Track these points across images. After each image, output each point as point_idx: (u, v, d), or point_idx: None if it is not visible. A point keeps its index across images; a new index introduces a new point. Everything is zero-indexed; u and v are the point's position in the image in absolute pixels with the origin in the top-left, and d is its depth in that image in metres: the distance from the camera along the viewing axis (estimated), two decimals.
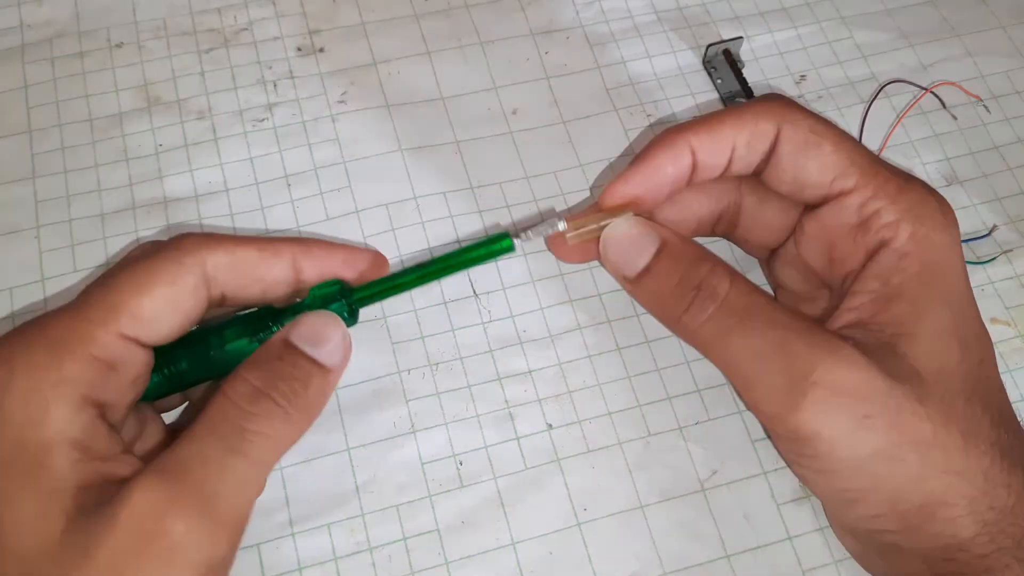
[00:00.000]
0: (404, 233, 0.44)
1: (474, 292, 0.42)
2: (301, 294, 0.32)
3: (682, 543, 0.38)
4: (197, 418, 0.28)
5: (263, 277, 0.31)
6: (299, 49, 0.49)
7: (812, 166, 0.32)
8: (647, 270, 0.32)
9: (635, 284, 0.33)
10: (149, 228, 0.43)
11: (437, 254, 0.35)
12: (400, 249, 0.43)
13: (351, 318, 0.32)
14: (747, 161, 0.33)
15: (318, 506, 0.37)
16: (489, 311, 0.42)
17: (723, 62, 0.49)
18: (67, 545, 0.26)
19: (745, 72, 0.49)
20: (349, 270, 0.32)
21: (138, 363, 0.29)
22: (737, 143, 0.32)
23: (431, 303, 0.42)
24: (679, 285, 0.31)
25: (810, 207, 0.34)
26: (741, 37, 0.49)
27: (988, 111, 0.49)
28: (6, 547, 0.26)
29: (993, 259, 0.44)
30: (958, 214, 0.45)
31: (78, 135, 0.45)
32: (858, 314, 0.31)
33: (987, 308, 0.43)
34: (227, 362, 0.31)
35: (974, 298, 0.32)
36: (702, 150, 0.32)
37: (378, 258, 0.33)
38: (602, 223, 0.34)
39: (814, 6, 0.52)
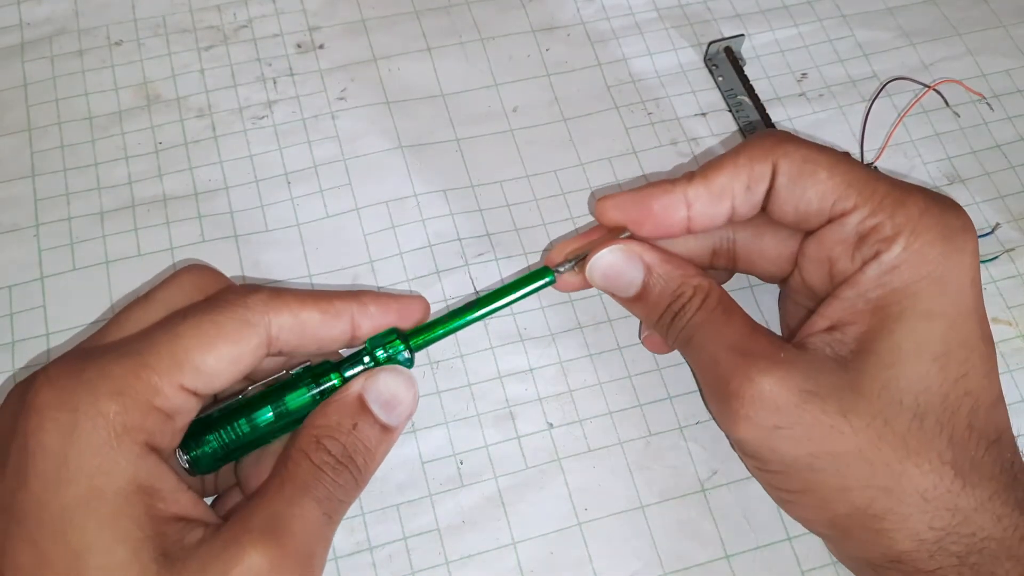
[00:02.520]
0: (404, 230, 0.43)
1: (475, 290, 0.42)
2: (354, 342, 0.33)
3: (682, 543, 0.38)
4: (284, 477, 0.29)
5: (322, 338, 0.32)
6: (299, 46, 0.49)
7: (811, 195, 0.32)
8: (638, 297, 0.35)
9: (629, 305, 0.36)
10: (149, 226, 0.43)
11: (482, 293, 0.37)
12: (400, 246, 0.43)
13: (409, 363, 0.33)
14: (750, 205, 0.33)
15: None
16: None
17: (724, 60, 0.49)
18: None
19: (746, 70, 0.48)
20: (402, 322, 0.33)
21: (190, 412, 0.29)
22: (735, 191, 0.33)
23: (432, 301, 0.42)
24: (668, 309, 0.34)
25: (811, 232, 0.34)
26: (742, 35, 0.49)
27: (991, 109, 0.49)
28: None
29: (995, 257, 0.44)
30: None
31: (78, 133, 0.45)
32: (828, 321, 0.32)
33: (989, 307, 0.43)
34: (289, 418, 0.32)
35: (978, 309, 0.32)
36: (698, 201, 0.33)
37: (425, 306, 0.34)
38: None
39: (815, 4, 0.52)
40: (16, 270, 0.41)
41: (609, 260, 0.34)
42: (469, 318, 0.34)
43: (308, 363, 0.33)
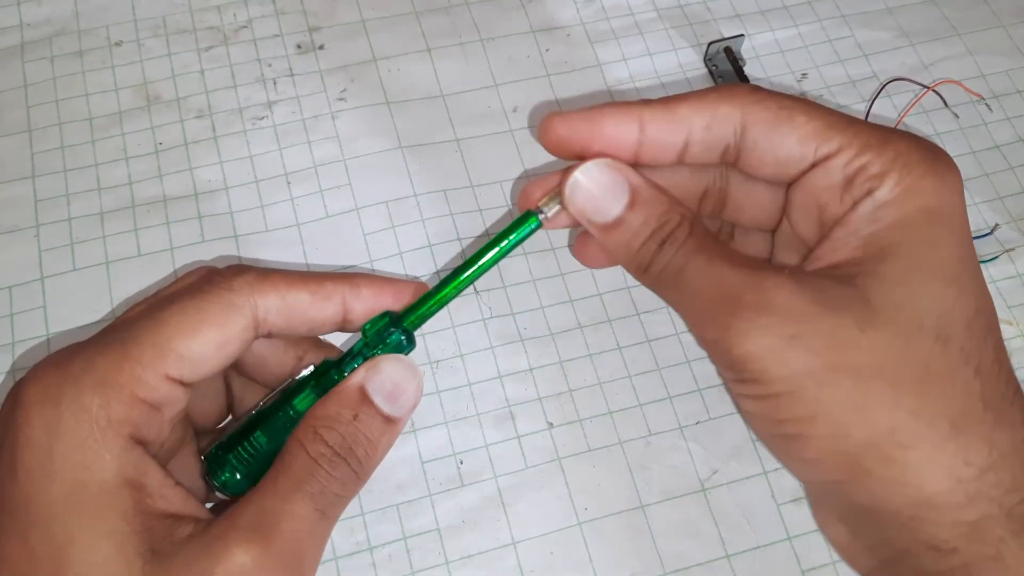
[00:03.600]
0: (404, 230, 0.43)
1: (475, 289, 0.42)
2: (347, 325, 0.32)
3: (682, 543, 0.38)
4: (279, 470, 0.28)
5: (312, 318, 0.31)
6: (299, 46, 0.49)
7: (790, 140, 0.31)
8: (619, 221, 0.31)
9: (605, 232, 0.32)
10: (149, 226, 0.43)
11: (468, 254, 0.34)
12: (400, 246, 0.43)
13: (410, 345, 0.32)
14: (707, 145, 0.32)
15: None
16: (490, 308, 0.42)
17: (724, 60, 0.49)
18: None
19: (746, 70, 0.48)
20: (397, 304, 0.32)
21: (178, 402, 0.29)
22: (694, 125, 0.31)
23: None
24: (652, 237, 0.31)
25: (794, 181, 0.32)
26: (742, 35, 0.49)
27: (990, 109, 0.49)
28: None
29: (995, 258, 0.44)
30: None
31: (78, 134, 0.45)
32: (823, 262, 0.30)
33: None
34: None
35: (974, 250, 0.30)
36: (653, 125, 0.31)
37: (421, 288, 0.33)
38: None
39: (815, 4, 0.52)
40: (16, 271, 0.41)
41: (594, 176, 0.31)
42: (460, 281, 0.32)
43: (314, 366, 0.32)
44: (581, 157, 0.32)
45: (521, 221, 0.32)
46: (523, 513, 0.38)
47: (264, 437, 0.31)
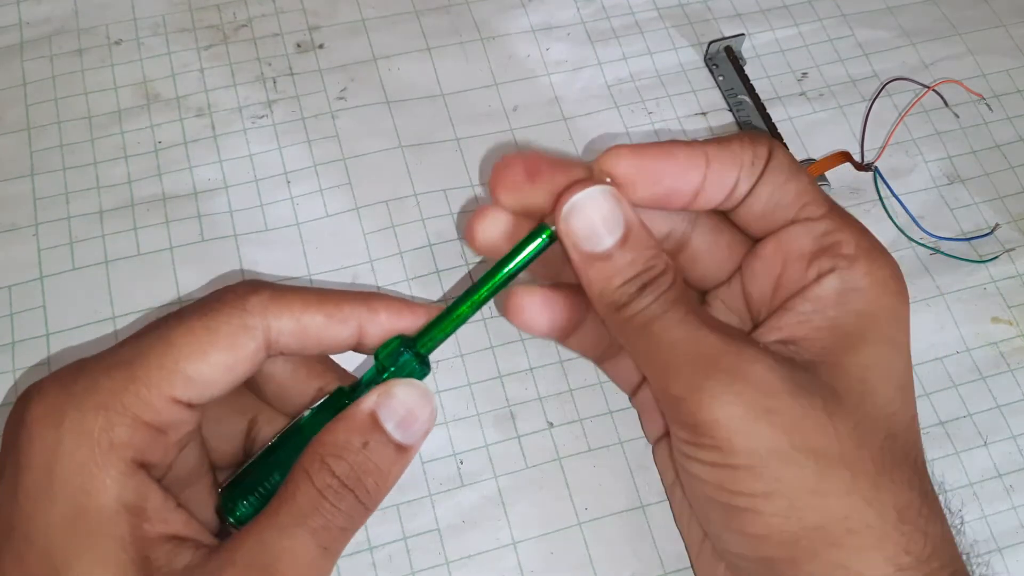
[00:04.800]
0: (404, 230, 0.43)
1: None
2: (361, 347, 0.31)
3: (682, 543, 0.37)
4: (281, 501, 0.27)
5: (326, 341, 0.30)
6: (299, 45, 0.49)
7: (790, 188, 0.31)
8: (607, 255, 0.30)
9: (588, 261, 0.30)
10: (148, 225, 0.43)
11: (477, 274, 0.33)
12: (400, 246, 0.43)
13: (424, 368, 0.31)
14: (748, 184, 0.31)
15: None
16: (490, 307, 0.42)
17: (725, 59, 0.48)
18: None
19: (747, 70, 0.48)
20: (413, 328, 0.31)
21: (185, 424, 0.28)
22: (744, 161, 0.31)
23: (431, 300, 0.42)
24: (634, 279, 0.30)
25: (767, 234, 0.33)
26: (743, 34, 0.49)
27: (990, 109, 0.49)
28: None
29: (995, 258, 0.44)
30: (960, 212, 0.46)
31: (77, 132, 0.45)
32: (781, 333, 0.30)
33: (989, 307, 0.43)
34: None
35: (911, 361, 0.31)
36: (717, 161, 0.31)
37: (432, 311, 0.32)
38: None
39: (815, 4, 0.52)
40: (15, 270, 0.41)
41: (597, 203, 0.30)
42: (473, 304, 0.31)
43: (327, 397, 0.31)
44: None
45: (536, 235, 0.30)
46: (523, 513, 0.38)
47: (275, 468, 0.30)
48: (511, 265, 0.30)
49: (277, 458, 0.30)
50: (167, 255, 0.42)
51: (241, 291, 0.29)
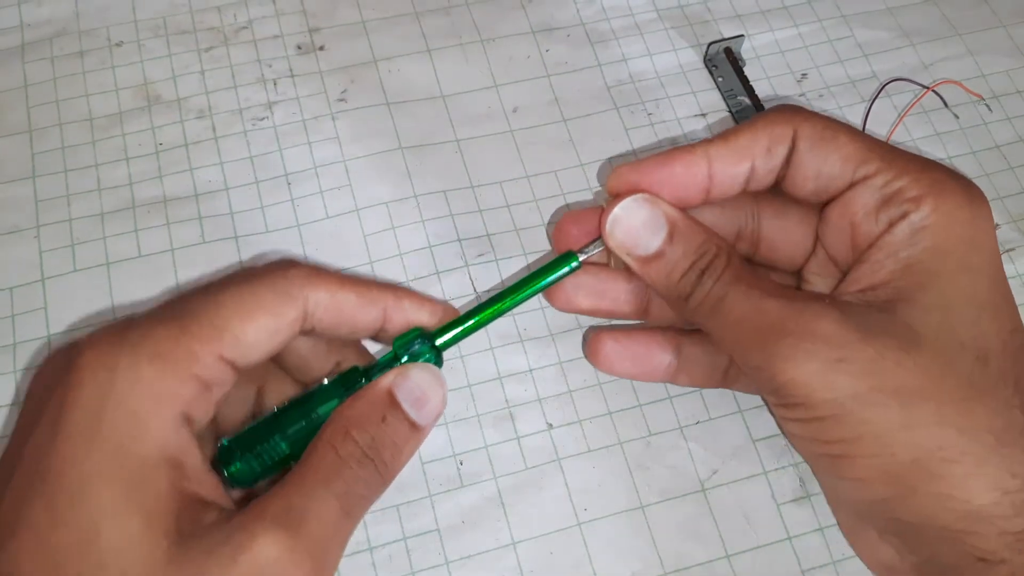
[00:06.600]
0: (404, 232, 0.44)
1: (475, 290, 0.42)
2: (382, 334, 0.33)
3: (682, 543, 0.38)
4: (307, 467, 0.28)
5: (355, 320, 0.31)
6: (299, 47, 0.49)
7: (833, 158, 0.32)
8: (659, 254, 0.33)
9: (645, 265, 0.33)
10: (149, 227, 0.43)
11: (508, 283, 0.35)
12: (400, 247, 0.43)
13: (437, 362, 0.33)
14: (769, 168, 0.33)
15: None
16: None
17: (724, 60, 0.49)
18: (172, 573, 0.25)
19: (746, 70, 0.48)
20: (432, 323, 0.33)
21: (227, 384, 0.29)
22: (756, 152, 0.32)
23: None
24: (691, 269, 0.32)
25: (829, 202, 0.34)
26: (742, 35, 0.49)
27: (990, 110, 0.49)
28: (107, 568, 0.25)
29: None
30: None
31: (78, 134, 0.45)
32: (861, 284, 0.31)
33: None
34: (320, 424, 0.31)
35: (1004, 275, 0.31)
36: (719, 159, 0.32)
37: (456, 312, 0.34)
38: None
39: (815, 4, 0.52)
40: (17, 272, 0.42)
41: (633, 211, 0.33)
42: (494, 312, 0.33)
43: (342, 374, 0.32)
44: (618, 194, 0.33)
45: (563, 260, 0.34)
46: (523, 513, 0.38)
47: (280, 434, 0.31)
48: (537, 285, 0.33)
49: (281, 423, 0.31)
50: (168, 257, 0.42)
51: (284, 264, 0.31)
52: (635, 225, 0.33)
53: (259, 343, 0.29)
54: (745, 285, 0.31)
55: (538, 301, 0.42)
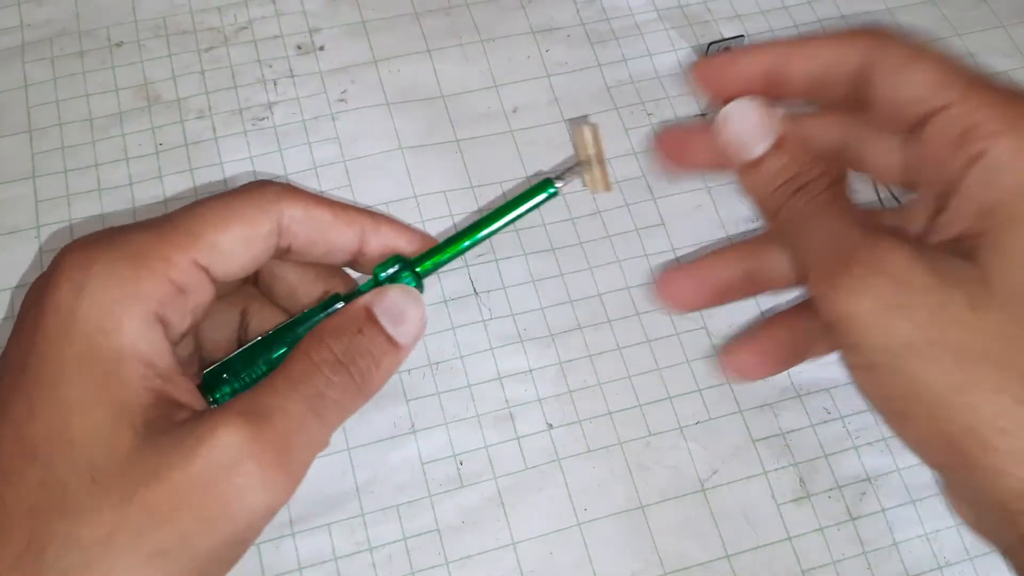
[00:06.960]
0: None
1: (474, 290, 0.42)
2: (358, 264, 0.33)
3: (682, 543, 0.38)
4: (278, 372, 0.29)
5: (331, 240, 0.32)
6: (299, 47, 0.49)
7: (912, 83, 0.30)
8: (761, 160, 0.32)
9: (744, 170, 0.33)
10: None
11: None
12: None
13: (418, 285, 0.33)
14: (841, 78, 0.32)
15: (318, 506, 0.38)
16: (490, 309, 0.42)
17: None
18: (136, 462, 0.26)
19: None
20: (410, 250, 0.33)
21: (203, 293, 0.29)
22: (830, 56, 0.32)
23: (431, 301, 0.42)
24: (788, 183, 0.31)
25: (914, 130, 0.32)
26: (742, 35, 0.49)
27: None
28: (75, 455, 0.26)
29: None
30: None
31: (78, 134, 0.45)
32: (944, 234, 0.30)
33: None
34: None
35: None
36: (790, 57, 0.32)
37: (434, 241, 0.34)
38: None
39: (815, 4, 0.52)
40: (17, 272, 0.42)
41: (745, 112, 0.32)
42: (475, 238, 0.33)
43: (323, 301, 0.33)
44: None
45: (538, 188, 0.33)
46: (523, 513, 0.38)
47: (261, 357, 0.31)
48: (514, 213, 0.33)
49: (266, 349, 0.31)
50: None
51: (260, 182, 0.31)
52: (745, 126, 0.32)
53: (234, 252, 0.29)
54: (836, 211, 0.30)
55: (538, 301, 0.42)
